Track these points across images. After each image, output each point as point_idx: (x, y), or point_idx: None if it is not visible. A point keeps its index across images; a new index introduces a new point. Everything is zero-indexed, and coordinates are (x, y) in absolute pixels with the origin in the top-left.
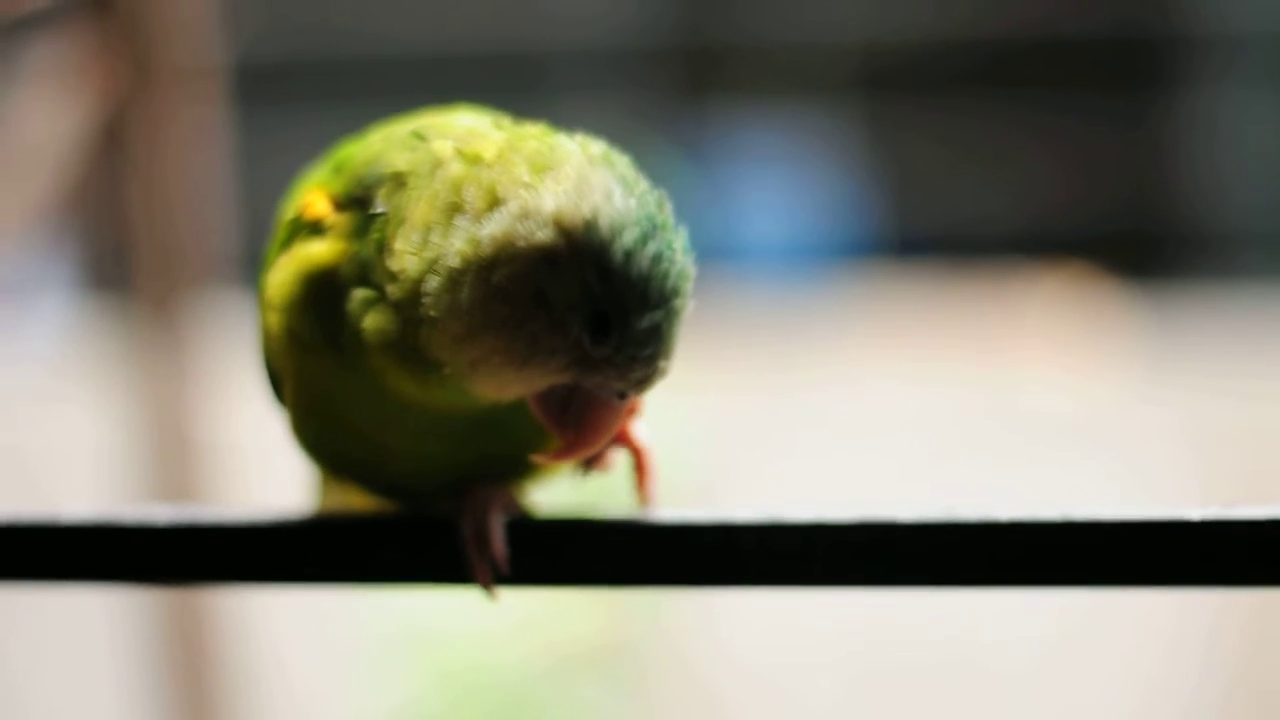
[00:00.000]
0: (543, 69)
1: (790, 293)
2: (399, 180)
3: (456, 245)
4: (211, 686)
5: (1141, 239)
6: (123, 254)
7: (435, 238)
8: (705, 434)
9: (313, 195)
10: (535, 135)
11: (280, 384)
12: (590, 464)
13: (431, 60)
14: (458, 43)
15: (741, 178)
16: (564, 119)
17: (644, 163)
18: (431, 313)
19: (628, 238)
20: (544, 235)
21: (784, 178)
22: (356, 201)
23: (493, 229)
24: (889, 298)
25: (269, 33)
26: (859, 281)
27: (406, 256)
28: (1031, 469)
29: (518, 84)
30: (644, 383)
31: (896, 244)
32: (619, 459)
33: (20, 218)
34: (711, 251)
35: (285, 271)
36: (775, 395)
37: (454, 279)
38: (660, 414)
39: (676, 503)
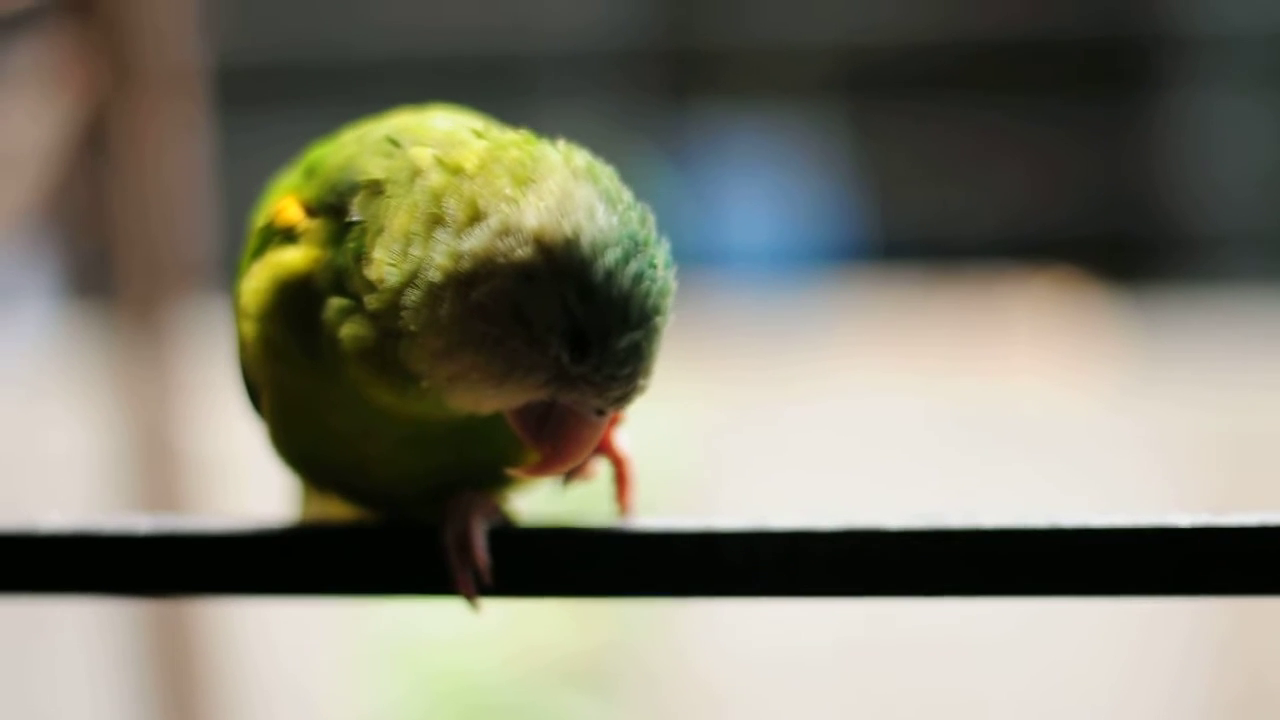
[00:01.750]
0: (526, 73)
1: (774, 297)
2: (375, 188)
3: (436, 259)
4: (194, 691)
5: (1126, 243)
6: (104, 258)
7: (415, 249)
8: (689, 440)
9: (284, 201)
10: (517, 144)
11: (258, 393)
12: (572, 474)
13: (414, 64)
14: (440, 46)
15: (725, 182)
16: (547, 123)
17: (627, 167)
18: (410, 326)
19: (609, 257)
20: (524, 252)
21: (767, 182)
22: (330, 208)
23: (473, 244)
24: (873, 302)
25: (251, 35)
26: (843, 286)
27: (385, 267)
28: (1018, 474)
29: (501, 88)
30: (622, 401)
31: (881, 248)
32: (600, 469)
33: (1, 222)
34: (695, 256)
35: (259, 279)
36: (759, 400)
37: (433, 293)
38: (643, 421)
39: (660, 510)
